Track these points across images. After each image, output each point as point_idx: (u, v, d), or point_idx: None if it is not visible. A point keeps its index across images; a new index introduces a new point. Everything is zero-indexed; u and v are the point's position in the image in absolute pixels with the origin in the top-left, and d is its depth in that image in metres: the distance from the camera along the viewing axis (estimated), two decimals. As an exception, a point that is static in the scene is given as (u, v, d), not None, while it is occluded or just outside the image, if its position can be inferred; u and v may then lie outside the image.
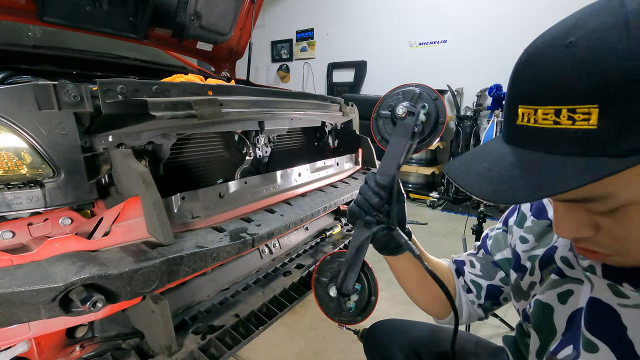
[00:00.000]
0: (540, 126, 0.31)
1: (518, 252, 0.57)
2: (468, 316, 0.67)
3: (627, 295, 0.38)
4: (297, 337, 1.62)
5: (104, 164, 0.84)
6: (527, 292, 0.54)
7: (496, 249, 0.64)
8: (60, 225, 0.82)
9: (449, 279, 0.68)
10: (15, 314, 0.62)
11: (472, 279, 0.66)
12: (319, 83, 5.31)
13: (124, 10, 1.70)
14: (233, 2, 1.99)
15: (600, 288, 0.41)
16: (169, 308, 0.87)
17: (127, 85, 0.79)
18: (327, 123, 1.71)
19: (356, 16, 4.71)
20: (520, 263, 0.57)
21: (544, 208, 0.55)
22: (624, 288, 0.39)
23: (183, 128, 0.98)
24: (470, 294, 0.66)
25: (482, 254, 0.67)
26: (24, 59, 1.37)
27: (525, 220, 0.58)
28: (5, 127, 0.70)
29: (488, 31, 3.71)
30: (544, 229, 0.55)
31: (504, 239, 0.63)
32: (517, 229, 0.59)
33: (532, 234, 0.55)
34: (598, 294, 0.41)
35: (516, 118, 0.34)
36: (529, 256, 0.56)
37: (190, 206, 0.93)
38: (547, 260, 0.52)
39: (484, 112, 3.75)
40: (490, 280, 0.64)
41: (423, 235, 2.91)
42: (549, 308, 0.48)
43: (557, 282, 0.48)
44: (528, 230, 0.56)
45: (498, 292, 0.65)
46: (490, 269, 0.64)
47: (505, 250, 0.62)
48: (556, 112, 0.30)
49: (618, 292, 0.39)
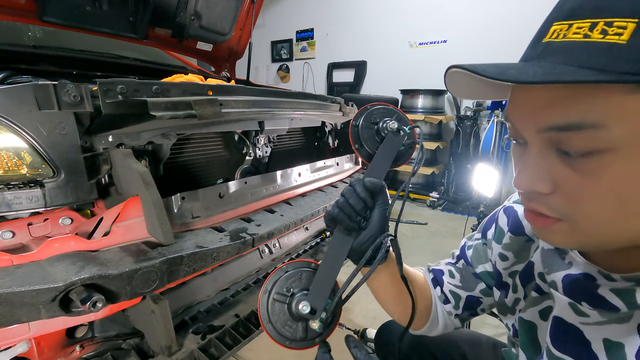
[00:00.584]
0: (566, 40, 0.30)
1: (499, 270, 0.57)
2: (444, 326, 0.66)
3: (587, 314, 0.38)
4: (297, 337, 1.62)
5: (104, 164, 0.84)
6: (513, 308, 0.54)
7: (477, 261, 0.63)
8: (60, 225, 0.82)
9: (424, 289, 0.66)
10: (15, 314, 0.62)
11: (451, 290, 0.65)
12: (319, 83, 5.31)
13: (124, 10, 1.70)
14: (233, 2, 1.99)
15: (562, 306, 0.41)
16: (169, 308, 0.87)
17: (127, 85, 0.79)
18: (327, 123, 1.71)
19: (356, 16, 4.71)
20: (502, 280, 0.56)
21: (520, 225, 0.55)
22: (582, 307, 0.39)
23: (183, 128, 0.98)
24: (448, 304, 0.65)
25: (462, 264, 0.66)
26: (24, 59, 1.37)
27: (503, 237, 0.57)
28: (5, 127, 0.70)
29: (488, 31, 3.71)
30: (521, 246, 0.54)
31: (484, 252, 0.62)
32: (496, 245, 0.58)
33: (511, 251, 0.55)
34: (561, 313, 0.42)
35: (543, 36, 0.33)
36: (509, 273, 0.55)
37: (190, 206, 0.93)
38: (528, 276, 0.51)
39: (484, 112, 3.75)
40: (470, 292, 0.64)
41: (423, 235, 2.91)
42: (533, 326, 0.48)
43: (537, 299, 0.48)
44: (507, 247, 0.56)
45: (477, 303, 0.64)
46: (470, 280, 0.64)
47: (487, 264, 0.62)
48: (591, 25, 0.29)
49: (579, 312, 0.39)
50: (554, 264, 0.44)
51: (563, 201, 0.34)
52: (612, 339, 0.36)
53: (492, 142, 3.38)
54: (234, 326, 1.04)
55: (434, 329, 0.66)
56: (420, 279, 0.67)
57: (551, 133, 0.33)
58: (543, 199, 0.35)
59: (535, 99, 0.33)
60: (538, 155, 0.35)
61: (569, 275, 0.41)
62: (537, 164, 0.35)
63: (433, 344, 0.74)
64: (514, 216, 0.56)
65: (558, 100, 0.31)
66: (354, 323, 1.74)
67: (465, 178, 3.69)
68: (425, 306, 0.65)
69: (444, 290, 0.66)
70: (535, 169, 0.35)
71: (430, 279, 0.68)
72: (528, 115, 0.34)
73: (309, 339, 0.52)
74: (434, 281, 0.67)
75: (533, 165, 0.35)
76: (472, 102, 3.82)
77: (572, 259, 0.42)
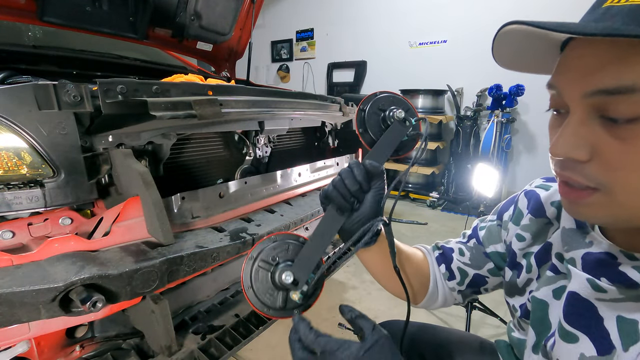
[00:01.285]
0: (628, 3, 0.31)
1: (514, 250, 0.57)
2: (444, 301, 0.68)
3: (604, 290, 0.39)
4: (297, 337, 1.63)
5: (104, 164, 0.84)
6: (523, 289, 0.55)
7: (489, 241, 0.64)
8: (60, 225, 0.82)
9: (421, 266, 0.68)
10: (15, 314, 0.62)
11: (459, 266, 0.66)
12: (319, 83, 5.31)
13: (124, 10, 1.70)
14: (233, 2, 1.99)
15: (579, 282, 0.42)
16: (169, 308, 0.87)
17: (127, 85, 0.79)
18: (327, 123, 1.71)
19: (356, 16, 4.71)
20: (516, 261, 0.57)
21: (542, 207, 0.55)
22: (601, 282, 0.39)
23: (183, 128, 0.98)
24: (452, 280, 0.66)
25: (473, 243, 0.66)
26: (24, 59, 1.37)
27: (522, 218, 0.57)
28: (5, 127, 0.70)
29: (488, 31, 3.70)
30: (540, 228, 0.55)
31: (497, 233, 0.63)
32: (513, 226, 0.59)
33: (530, 232, 0.56)
34: (577, 289, 0.42)
35: (604, 2, 0.33)
36: (524, 253, 0.56)
37: (190, 206, 0.93)
38: (544, 256, 0.52)
39: (484, 112, 3.75)
40: (477, 270, 0.64)
41: (423, 235, 2.91)
42: (545, 304, 0.49)
43: (552, 279, 0.49)
44: (525, 228, 0.56)
45: (482, 282, 0.65)
46: (480, 259, 0.64)
47: (499, 245, 0.62)
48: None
49: (597, 287, 0.39)
50: (574, 242, 0.44)
51: (600, 169, 0.33)
52: (626, 316, 0.37)
53: (492, 142, 3.38)
54: (234, 326, 1.04)
55: (432, 303, 0.68)
56: (417, 257, 0.68)
57: (598, 97, 0.32)
58: (579, 167, 0.35)
59: (588, 60, 0.33)
60: (578, 122, 0.34)
61: (590, 254, 0.41)
62: (577, 131, 0.34)
63: (422, 345, 0.74)
64: (535, 199, 0.57)
65: (611, 62, 0.31)
66: (354, 323, 1.74)
67: (465, 178, 3.69)
68: (421, 283, 0.66)
69: (451, 267, 0.66)
70: (574, 136, 0.34)
71: (437, 255, 0.69)
72: (577, 78, 0.34)
73: (288, 309, 0.52)
74: (440, 257, 0.68)
75: (572, 132, 0.34)
76: (472, 102, 3.82)
77: (593, 238, 0.42)
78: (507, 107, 3.43)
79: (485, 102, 3.75)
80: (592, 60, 0.32)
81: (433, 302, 0.68)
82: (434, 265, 0.68)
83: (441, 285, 0.67)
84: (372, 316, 0.61)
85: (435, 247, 0.71)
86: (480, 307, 1.67)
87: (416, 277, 0.66)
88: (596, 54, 0.32)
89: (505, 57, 0.42)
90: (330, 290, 2.03)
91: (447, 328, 0.80)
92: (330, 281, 2.09)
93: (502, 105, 3.42)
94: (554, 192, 0.55)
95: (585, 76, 0.33)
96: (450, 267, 0.67)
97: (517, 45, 0.37)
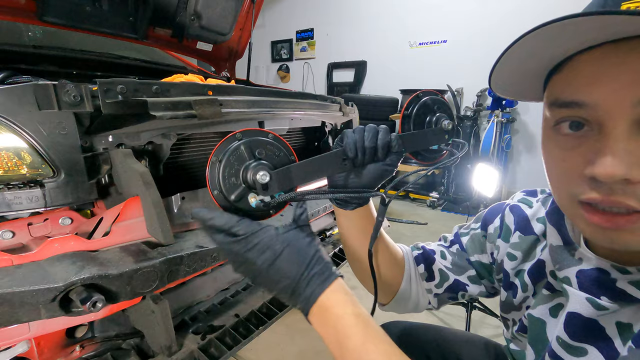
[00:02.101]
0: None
1: (506, 270, 0.56)
2: (415, 305, 0.65)
3: (606, 308, 0.38)
4: (297, 337, 1.63)
5: (104, 164, 0.84)
6: (519, 306, 0.54)
7: (472, 250, 0.62)
8: (60, 225, 0.82)
9: (397, 261, 0.64)
10: (15, 314, 0.63)
11: (441, 269, 0.64)
12: (319, 83, 5.31)
13: (124, 10, 1.70)
14: (233, 2, 1.99)
15: (578, 302, 0.41)
16: (169, 308, 0.87)
17: (127, 85, 0.79)
18: (327, 123, 1.71)
19: (356, 16, 4.71)
20: (510, 281, 0.56)
21: (528, 223, 0.55)
22: (602, 301, 0.38)
23: (183, 128, 0.98)
24: (431, 281, 0.64)
25: (455, 249, 0.64)
26: (24, 59, 1.37)
27: (511, 235, 0.56)
28: (5, 127, 0.70)
29: (488, 31, 3.71)
30: (530, 244, 0.54)
31: (481, 244, 0.62)
32: (503, 244, 0.57)
33: (520, 250, 0.55)
34: (577, 309, 0.41)
35: (622, 3, 0.32)
36: (517, 272, 0.55)
37: (190, 206, 0.93)
38: (538, 274, 0.51)
39: (484, 112, 3.75)
40: (458, 275, 0.63)
41: (423, 236, 2.91)
42: (542, 322, 0.48)
43: (548, 297, 0.48)
44: (515, 246, 0.55)
45: (461, 288, 0.63)
46: (462, 265, 0.63)
47: (483, 256, 0.61)
48: None
49: (598, 306, 0.39)
50: (564, 260, 0.43)
51: None
52: (623, 321, 0.38)
53: (492, 142, 3.38)
54: (234, 326, 1.04)
55: (401, 304, 0.65)
56: (395, 250, 0.65)
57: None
58: (630, 188, 0.31)
59: (634, 65, 0.29)
60: (627, 136, 0.31)
61: (583, 271, 0.41)
62: (628, 147, 0.30)
63: (426, 344, 0.74)
64: (521, 215, 0.56)
65: None
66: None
67: (465, 178, 3.69)
68: (393, 276, 0.63)
69: (432, 268, 0.64)
70: (629, 153, 0.30)
71: (416, 254, 0.66)
72: (625, 86, 0.30)
73: (235, 207, 0.49)
74: (420, 257, 0.65)
75: (625, 149, 0.30)
76: (472, 102, 3.82)
77: (582, 255, 0.42)
78: (507, 107, 3.43)
79: (485, 102, 3.75)
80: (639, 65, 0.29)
81: (404, 303, 0.65)
82: (410, 264, 0.65)
83: (415, 285, 0.64)
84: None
85: (415, 247, 0.68)
86: (480, 307, 1.67)
87: (389, 270, 0.62)
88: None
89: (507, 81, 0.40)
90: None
91: (451, 329, 0.80)
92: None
93: (502, 105, 3.43)
94: (538, 208, 0.55)
95: (635, 83, 0.30)
96: (430, 267, 0.64)
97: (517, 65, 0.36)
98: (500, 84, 0.41)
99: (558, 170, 0.37)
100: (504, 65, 0.36)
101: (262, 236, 0.44)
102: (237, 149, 0.48)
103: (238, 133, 0.49)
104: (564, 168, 0.36)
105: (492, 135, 3.37)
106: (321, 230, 1.65)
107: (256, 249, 0.44)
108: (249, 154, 0.49)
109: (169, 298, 0.88)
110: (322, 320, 0.42)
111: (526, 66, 0.37)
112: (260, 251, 0.43)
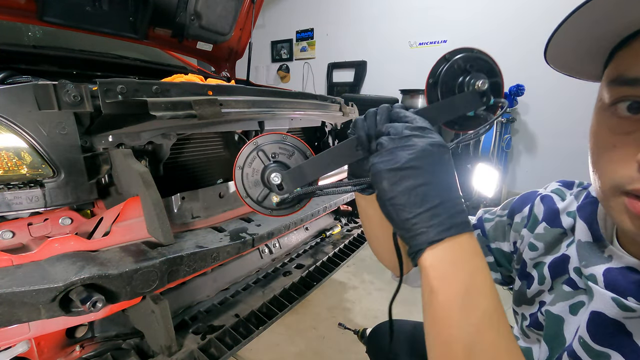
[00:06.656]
0: None
1: (525, 259, 0.55)
2: None
3: (632, 309, 0.37)
4: (297, 337, 1.62)
5: (104, 164, 0.84)
6: (532, 299, 0.53)
7: (494, 236, 0.61)
8: (60, 225, 0.82)
9: None
10: (15, 314, 0.62)
11: None
12: (319, 83, 5.30)
13: (124, 10, 1.70)
14: (233, 2, 1.99)
15: (603, 301, 0.40)
16: (169, 308, 0.87)
17: (127, 85, 0.79)
18: (327, 123, 1.72)
19: (356, 16, 4.71)
20: (526, 271, 0.55)
21: (557, 215, 0.53)
22: (628, 302, 0.37)
23: (183, 128, 0.98)
24: None
25: (476, 234, 0.63)
26: (24, 59, 1.37)
27: (537, 226, 0.55)
28: (5, 127, 0.70)
29: (488, 31, 3.71)
30: (554, 238, 0.52)
31: (505, 232, 0.60)
32: (527, 234, 0.56)
33: (543, 242, 0.53)
34: (602, 308, 0.40)
35: None
36: (535, 263, 0.53)
37: (190, 206, 0.93)
38: (559, 269, 0.50)
39: (484, 112, 3.75)
40: None
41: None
42: (560, 319, 0.47)
43: (569, 294, 0.47)
44: (539, 237, 0.54)
45: None
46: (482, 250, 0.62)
47: (504, 244, 0.60)
48: None
49: (624, 307, 0.37)
50: (592, 257, 0.42)
51: None
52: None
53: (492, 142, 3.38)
54: (234, 326, 1.04)
55: (418, 278, 0.64)
56: None
57: None
58: None
59: None
60: None
61: (611, 270, 0.39)
62: None
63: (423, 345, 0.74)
64: (551, 207, 0.54)
65: None
66: (354, 323, 1.74)
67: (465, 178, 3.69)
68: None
69: None
70: None
71: None
72: None
73: (264, 206, 0.53)
74: None
75: None
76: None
77: (612, 252, 0.41)
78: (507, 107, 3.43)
79: (485, 102, 3.75)
80: None
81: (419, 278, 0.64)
82: None
83: None
84: (372, 316, 0.60)
85: None
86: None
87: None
88: None
89: (565, 54, 0.37)
90: (330, 290, 2.03)
91: None
92: (330, 281, 2.08)
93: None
94: (570, 202, 0.52)
95: None
96: None
97: (577, 37, 0.33)
98: (559, 55, 0.38)
99: (606, 157, 0.34)
100: (567, 32, 0.33)
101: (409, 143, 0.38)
102: (254, 158, 0.53)
103: (255, 139, 0.53)
104: (613, 154, 0.33)
105: (492, 135, 3.37)
106: (321, 230, 1.65)
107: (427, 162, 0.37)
108: (264, 158, 0.53)
109: (169, 298, 0.88)
110: (456, 256, 0.36)
111: (591, 34, 0.33)
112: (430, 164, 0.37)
